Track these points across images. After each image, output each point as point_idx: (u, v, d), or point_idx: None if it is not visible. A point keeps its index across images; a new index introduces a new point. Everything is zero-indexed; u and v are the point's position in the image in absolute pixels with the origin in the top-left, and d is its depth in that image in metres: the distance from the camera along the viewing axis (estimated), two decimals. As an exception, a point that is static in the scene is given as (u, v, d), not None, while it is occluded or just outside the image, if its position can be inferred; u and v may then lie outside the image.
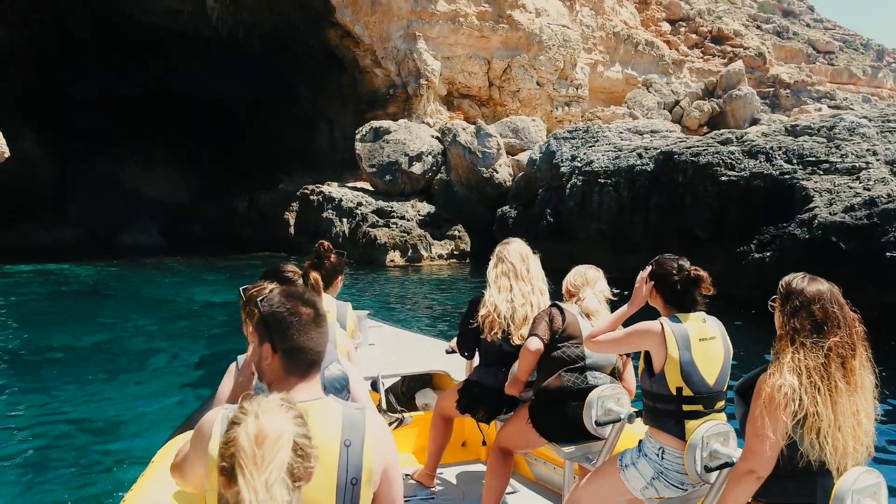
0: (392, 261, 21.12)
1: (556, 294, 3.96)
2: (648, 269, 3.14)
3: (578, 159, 18.24)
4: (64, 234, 30.35)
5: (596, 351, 3.38)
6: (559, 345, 3.56)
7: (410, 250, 21.22)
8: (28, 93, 31.13)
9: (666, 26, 52.23)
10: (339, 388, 2.65)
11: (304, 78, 32.53)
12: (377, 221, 22.83)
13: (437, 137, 25.54)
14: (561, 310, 3.63)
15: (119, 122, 34.81)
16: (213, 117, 37.36)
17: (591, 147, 18.32)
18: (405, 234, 21.79)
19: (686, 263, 3.09)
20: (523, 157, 23.28)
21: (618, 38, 42.35)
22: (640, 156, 15.97)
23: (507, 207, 21.14)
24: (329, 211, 24.40)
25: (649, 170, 15.45)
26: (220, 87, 36.85)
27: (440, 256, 21.27)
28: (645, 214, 15.25)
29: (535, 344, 3.53)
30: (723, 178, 13.65)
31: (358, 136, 25.56)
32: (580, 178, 17.32)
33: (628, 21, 46.42)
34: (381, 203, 23.94)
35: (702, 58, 52.60)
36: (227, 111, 37.19)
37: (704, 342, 2.96)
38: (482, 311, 3.84)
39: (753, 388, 2.50)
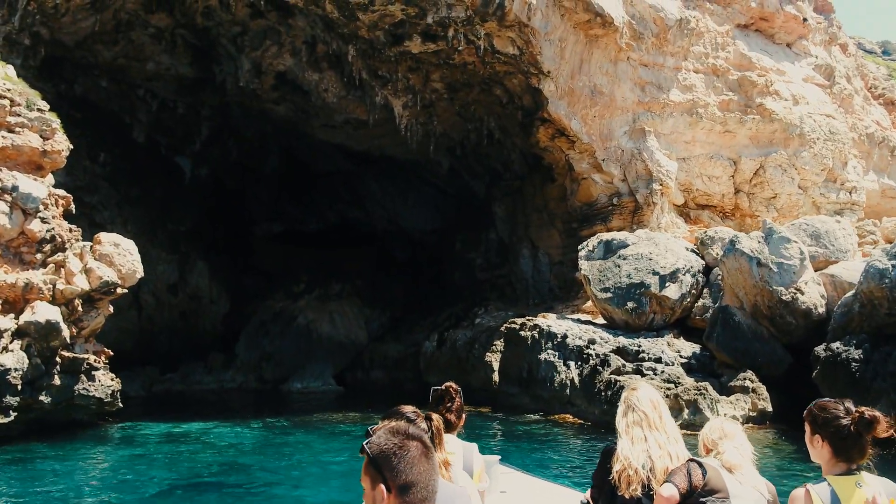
0: (658, 425, 14.06)
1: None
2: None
3: None
4: (229, 378, 26.36)
5: None
6: (702, 499, 3.16)
7: (686, 411, 14.06)
8: (204, 224, 28.67)
9: (920, 129, 43.50)
10: None
11: (499, 196, 27.66)
12: (622, 366, 16.09)
13: (693, 250, 18.89)
14: (700, 464, 3.25)
15: (297, 256, 31.66)
16: (396, 248, 33.54)
17: None
18: (672, 386, 14.77)
19: (852, 405, 2.86)
20: (839, 270, 15.91)
21: (871, 141, 34.34)
22: None
23: (837, 344, 13.70)
24: (548, 351, 18.06)
25: None
26: (404, 215, 33.21)
27: (731, 419, 13.85)
28: None
29: (669, 490, 3.15)
30: None
31: (583, 253, 19.51)
32: None
33: (881, 122, 38.41)
34: (622, 340, 17.26)
35: (970, 164, 43.23)
36: (412, 240, 33.18)
37: None
38: (616, 467, 3.41)
39: None
